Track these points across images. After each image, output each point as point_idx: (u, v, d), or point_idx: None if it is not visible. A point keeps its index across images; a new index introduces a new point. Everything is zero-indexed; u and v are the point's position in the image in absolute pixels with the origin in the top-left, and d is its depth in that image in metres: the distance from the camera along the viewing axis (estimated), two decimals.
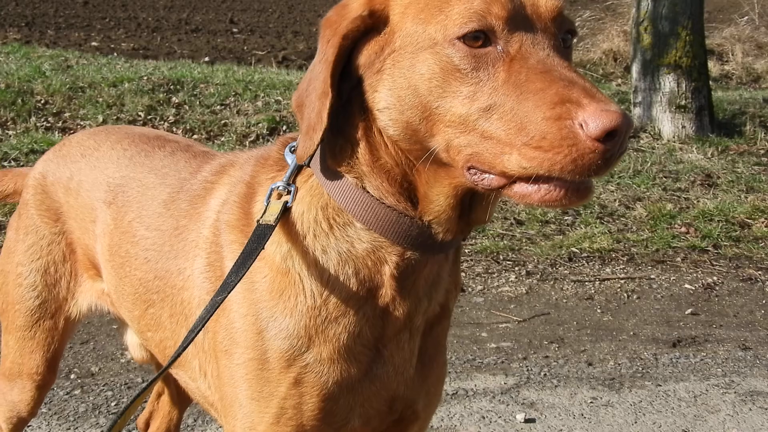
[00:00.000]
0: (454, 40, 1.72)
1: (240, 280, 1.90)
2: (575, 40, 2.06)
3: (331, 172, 1.94)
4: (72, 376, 4.50)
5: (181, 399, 3.46)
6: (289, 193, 1.99)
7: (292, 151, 2.04)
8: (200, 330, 1.92)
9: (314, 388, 1.97)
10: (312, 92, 1.86)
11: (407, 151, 1.85)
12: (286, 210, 1.97)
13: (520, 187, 1.69)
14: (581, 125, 1.57)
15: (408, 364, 2.09)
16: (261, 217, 1.97)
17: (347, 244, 1.95)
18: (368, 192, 1.91)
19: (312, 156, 1.90)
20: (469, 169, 1.75)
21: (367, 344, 2.00)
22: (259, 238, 1.93)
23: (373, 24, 1.84)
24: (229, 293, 1.90)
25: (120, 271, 2.58)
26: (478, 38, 1.71)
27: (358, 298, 1.97)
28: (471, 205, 1.92)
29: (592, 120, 1.56)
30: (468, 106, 1.70)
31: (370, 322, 1.99)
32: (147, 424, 3.57)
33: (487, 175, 1.73)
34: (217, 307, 1.91)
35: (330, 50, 1.82)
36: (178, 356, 1.93)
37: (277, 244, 1.99)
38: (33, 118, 8.79)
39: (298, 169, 2.02)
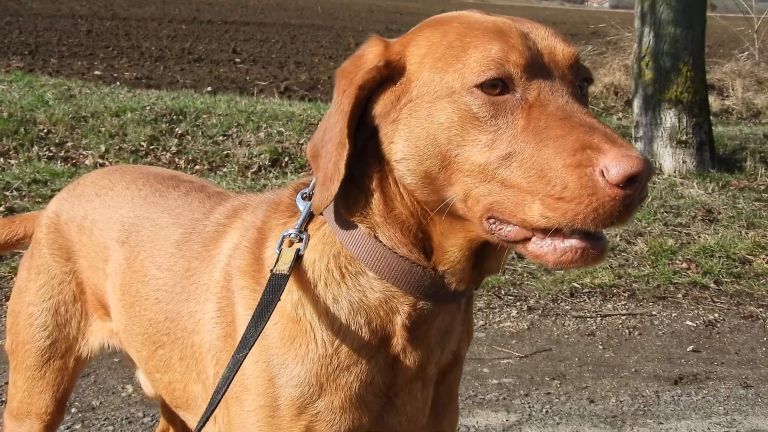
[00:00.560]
0: (472, 88, 1.72)
1: (260, 334, 1.89)
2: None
3: (344, 221, 1.94)
4: (73, 410, 4.47)
5: None
6: (300, 240, 1.98)
7: (305, 198, 2.05)
8: (226, 390, 1.91)
9: None
10: (328, 142, 1.86)
11: (423, 203, 1.85)
12: (298, 258, 1.97)
13: (535, 246, 1.70)
14: (602, 171, 1.58)
15: (421, 414, 2.09)
16: (274, 266, 1.97)
17: (359, 293, 1.95)
18: (381, 242, 1.91)
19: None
20: (488, 219, 1.74)
21: (379, 393, 2.00)
22: (274, 289, 1.92)
23: (389, 74, 1.85)
24: (250, 349, 1.89)
25: (130, 311, 2.58)
26: (496, 86, 1.72)
27: (370, 347, 1.97)
28: (484, 255, 1.93)
29: (613, 166, 1.57)
30: (487, 155, 1.70)
31: (381, 371, 1.99)
32: None
33: (505, 226, 1.73)
34: (240, 365, 1.90)
35: (346, 101, 1.83)
36: (207, 420, 1.93)
37: (287, 292, 1.99)
38: (35, 148, 8.82)
39: (310, 216, 2.02)
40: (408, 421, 2.06)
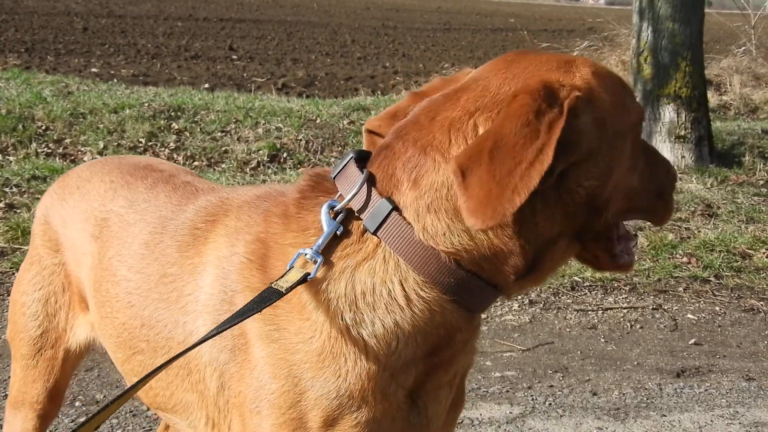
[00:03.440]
0: (639, 123, 2.05)
1: (217, 334, 1.88)
2: None
3: (422, 248, 1.91)
4: (77, 404, 4.47)
5: None
6: (315, 263, 1.92)
7: (330, 213, 1.98)
8: (161, 370, 1.92)
9: None
10: (509, 151, 1.77)
11: (565, 229, 1.94)
12: (303, 281, 1.91)
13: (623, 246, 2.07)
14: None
15: (441, 416, 2.11)
16: (277, 280, 1.92)
17: (427, 316, 1.93)
18: (464, 268, 1.91)
19: (380, 225, 1.91)
20: (616, 226, 2.06)
21: (408, 395, 2.00)
22: (262, 300, 1.88)
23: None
24: (193, 347, 1.91)
25: (101, 310, 2.55)
26: None
27: (418, 359, 1.97)
28: None
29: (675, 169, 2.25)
30: (634, 174, 2.04)
31: (418, 377, 1.99)
32: None
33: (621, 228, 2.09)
34: (186, 352, 1.92)
35: (555, 129, 1.76)
36: (143, 381, 1.93)
37: (340, 311, 1.95)
38: (34, 144, 8.80)
39: (333, 237, 1.96)
40: (429, 423, 2.06)
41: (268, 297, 1.88)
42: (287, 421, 1.96)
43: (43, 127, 9.22)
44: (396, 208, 1.91)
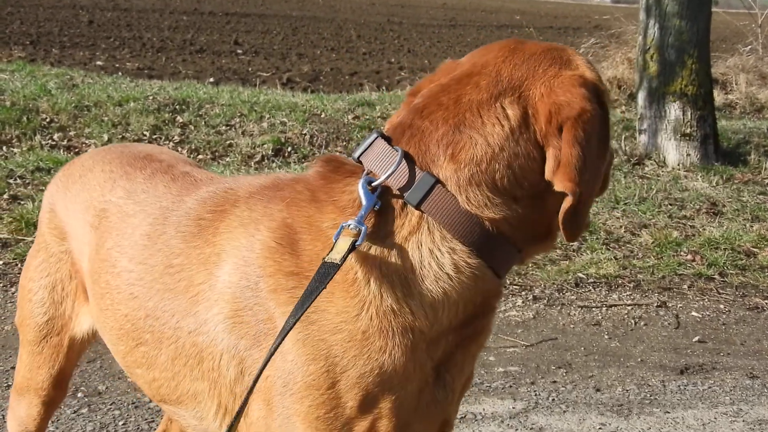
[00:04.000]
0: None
1: (297, 320, 1.87)
2: None
3: (468, 218, 1.98)
4: (79, 395, 4.47)
5: None
6: (359, 232, 1.93)
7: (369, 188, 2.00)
8: (258, 378, 1.93)
9: (398, 420, 1.99)
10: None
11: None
12: (353, 248, 1.92)
13: None
14: None
15: (459, 388, 2.14)
16: (327, 254, 1.93)
17: (472, 284, 1.99)
18: (503, 235, 2.01)
19: (424, 198, 1.96)
20: None
21: (434, 367, 2.04)
22: (322, 278, 1.89)
23: None
24: (284, 338, 1.88)
25: (101, 302, 2.53)
26: None
27: (452, 329, 2.02)
28: None
29: None
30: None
31: (447, 349, 2.04)
32: None
33: None
34: (273, 354, 1.90)
35: None
36: (242, 411, 1.95)
37: (390, 287, 1.98)
38: (38, 136, 8.79)
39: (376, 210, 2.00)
40: (452, 397, 2.11)
41: (327, 273, 1.90)
42: (326, 401, 1.97)
43: (48, 120, 9.21)
44: (438, 181, 1.98)
